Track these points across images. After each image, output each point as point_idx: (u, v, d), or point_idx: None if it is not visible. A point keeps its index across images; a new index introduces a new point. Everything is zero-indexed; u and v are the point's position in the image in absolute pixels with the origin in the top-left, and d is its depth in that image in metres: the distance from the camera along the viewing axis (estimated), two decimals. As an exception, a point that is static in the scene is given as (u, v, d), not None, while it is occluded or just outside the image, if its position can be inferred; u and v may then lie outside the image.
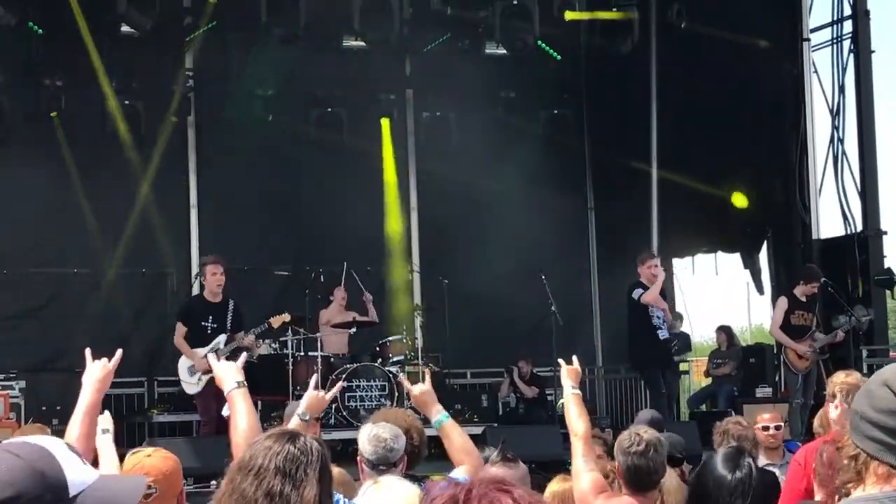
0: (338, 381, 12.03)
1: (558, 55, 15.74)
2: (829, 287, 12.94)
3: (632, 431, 5.07)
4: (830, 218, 14.77)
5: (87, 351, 4.24)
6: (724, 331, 16.05)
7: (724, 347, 15.79)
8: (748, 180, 15.10)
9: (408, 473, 4.89)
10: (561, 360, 5.58)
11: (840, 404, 5.81)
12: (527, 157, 15.73)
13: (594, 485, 5.02)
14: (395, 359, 13.26)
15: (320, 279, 14.29)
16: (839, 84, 14.53)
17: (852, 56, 14.45)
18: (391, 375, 12.82)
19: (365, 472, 4.95)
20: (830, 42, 14.76)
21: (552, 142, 16.15)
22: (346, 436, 10.77)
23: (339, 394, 11.62)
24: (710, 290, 60.70)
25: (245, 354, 4.81)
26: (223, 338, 11.52)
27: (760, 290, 15.61)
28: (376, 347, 13.54)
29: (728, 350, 15.67)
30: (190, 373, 11.70)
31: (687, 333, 16.31)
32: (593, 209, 17.47)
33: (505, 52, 15.03)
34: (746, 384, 14.58)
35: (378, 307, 14.55)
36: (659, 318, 12.56)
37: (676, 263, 17.02)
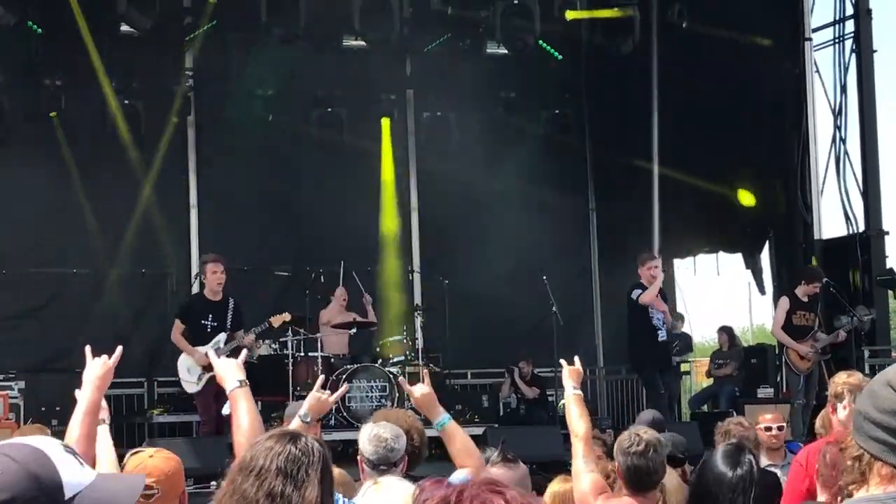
0: (339, 383, 12.20)
1: (559, 55, 15.73)
2: (831, 287, 12.93)
3: (631, 432, 5.06)
4: (832, 218, 14.76)
5: (87, 348, 4.22)
6: (726, 331, 16.03)
7: (725, 348, 15.77)
8: (750, 180, 15.09)
9: (408, 474, 4.87)
10: (563, 361, 5.57)
11: (849, 404, 5.78)
12: (527, 157, 15.74)
13: (594, 485, 5.01)
14: (395, 359, 13.25)
15: (320, 279, 14.28)
16: (841, 84, 14.52)
17: (854, 56, 14.44)
18: (391, 376, 12.81)
19: (365, 471, 4.93)
20: (832, 42, 14.74)
21: (553, 142, 16.14)
22: (346, 436, 10.75)
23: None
24: (711, 291, 60.73)
25: (245, 351, 4.78)
26: (223, 336, 11.51)
27: (762, 291, 15.60)
28: (376, 348, 13.54)
29: (729, 350, 15.64)
30: (190, 372, 11.69)
31: (688, 334, 16.31)
32: (594, 209, 17.45)
33: (505, 51, 15.02)
34: (748, 385, 14.55)
35: (377, 308, 14.55)
36: (658, 320, 12.56)
37: (678, 264, 17.01)
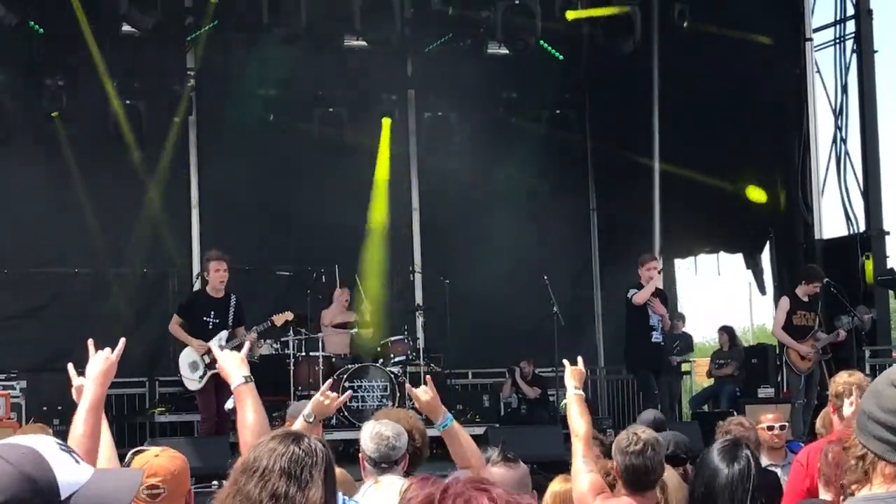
0: (339, 383, 12.20)
1: (560, 55, 15.71)
2: (832, 287, 12.92)
3: (630, 431, 5.06)
4: (833, 218, 14.76)
5: (90, 342, 4.21)
6: (727, 331, 16.02)
7: (726, 348, 15.76)
8: (751, 181, 15.07)
9: (409, 474, 4.87)
10: (565, 361, 5.57)
11: (855, 401, 5.78)
12: (528, 157, 15.74)
13: (592, 486, 5.00)
14: (396, 359, 13.24)
15: (321, 279, 14.27)
16: (842, 84, 14.51)
17: (855, 56, 14.44)
18: (393, 376, 12.81)
19: (367, 469, 4.94)
20: (833, 42, 14.74)
21: (554, 142, 16.14)
22: (347, 436, 10.74)
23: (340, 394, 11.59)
24: (712, 291, 60.67)
25: (248, 343, 4.79)
26: (225, 334, 11.50)
27: (763, 291, 15.60)
28: (377, 348, 13.53)
29: (730, 350, 15.64)
30: (191, 369, 11.69)
31: (689, 334, 16.31)
32: (595, 209, 17.44)
33: (507, 51, 15.01)
34: (748, 385, 14.54)
35: (377, 307, 14.55)
36: (656, 322, 12.56)
37: (679, 264, 17.01)
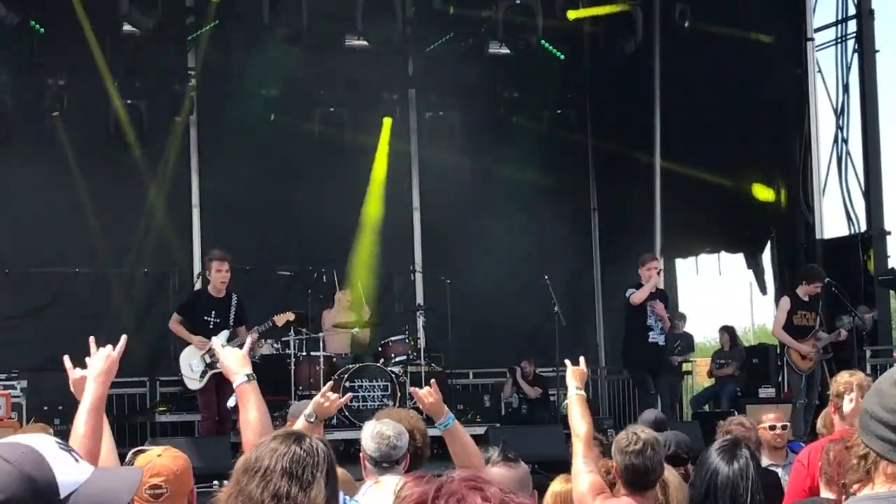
0: (340, 383, 12.20)
1: (561, 54, 15.70)
2: (833, 287, 12.91)
3: (629, 431, 5.05)
4: (834, 218, 14.76)
5: (92, 339, 4.21)
6: (728, 331, 16.01)
7: (727, 348, 15.75)
8: (754, 180, 15.07)
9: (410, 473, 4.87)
10: (567, 361, 5.57)
11: (855, 398, 5.78)
12: (529, 157, 15.73)
13: (592, 486, 5.00)
14: (397, 359, 13.24)
15: (322, 279, 14.26)
16: (843, 84, 14.51)
17: (856, 56, 14.44)
18: (394, 376, 12.80)
19: (368, 469, 4.94)
20: (834, 42, 14.74)
21: (555, 141, 16.12)
22: (347, 436, 10.73)
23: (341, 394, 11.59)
24: (713, 291, 60.78)
25: (250, 339, 4.79)
26: (226, 333, 11.49)
27: (763, 291, 15.60)
28: (378, 348, 13.52)
29: (731, 350, 15.63)
30: (192, 368, 11.69)
31: (690, 334, 16.31)
32: (596, 209, 17.43)
33: (508, 51, 15.00)
34: (749, 384, 14.53)
35: (376, 307, 14.55)
36: (655, 322, 12.56)
37: (680, 264, 17.00)
